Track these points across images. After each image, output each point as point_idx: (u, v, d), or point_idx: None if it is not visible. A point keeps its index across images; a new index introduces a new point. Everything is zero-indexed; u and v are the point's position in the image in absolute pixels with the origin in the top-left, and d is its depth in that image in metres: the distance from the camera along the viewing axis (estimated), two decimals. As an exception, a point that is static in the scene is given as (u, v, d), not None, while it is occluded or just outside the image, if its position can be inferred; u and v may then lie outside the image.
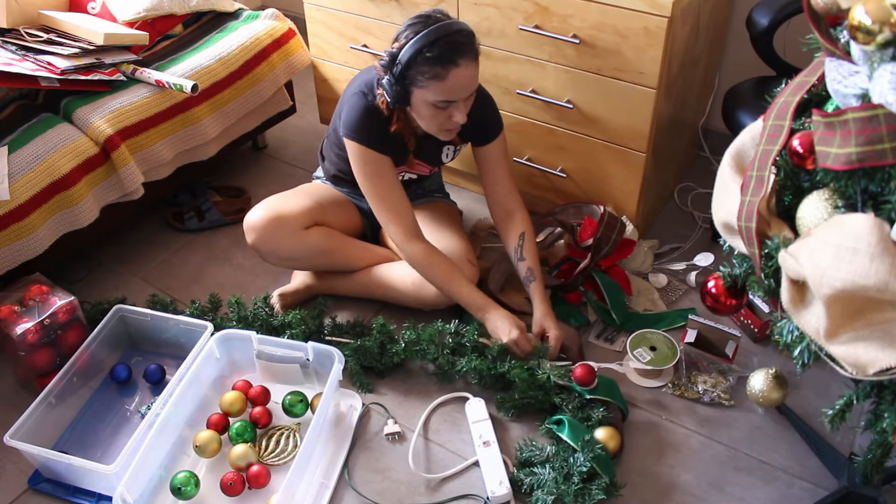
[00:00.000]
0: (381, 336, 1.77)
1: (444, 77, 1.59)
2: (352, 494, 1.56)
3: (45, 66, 1.90)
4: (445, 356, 1.72)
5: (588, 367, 1.65)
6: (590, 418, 1.61)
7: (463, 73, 1.61)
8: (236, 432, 1.61)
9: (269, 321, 1.85)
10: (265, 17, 2.32)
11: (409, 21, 1.63)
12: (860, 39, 0.94)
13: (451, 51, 1.58)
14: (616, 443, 1.57)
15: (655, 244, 2.09)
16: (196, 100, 2.08)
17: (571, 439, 1.54)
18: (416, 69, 1.60)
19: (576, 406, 1.63)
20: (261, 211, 1.85)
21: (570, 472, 1.51)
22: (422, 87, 1.62)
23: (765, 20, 1.81)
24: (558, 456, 1.55)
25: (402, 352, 1.76)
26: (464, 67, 1.60)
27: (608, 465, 1.52)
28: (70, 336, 1.77)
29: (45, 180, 1.81)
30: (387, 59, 1.64)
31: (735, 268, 1.26)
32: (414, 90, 1.64)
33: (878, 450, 1.31)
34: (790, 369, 1.59)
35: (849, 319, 0.97)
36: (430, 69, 1.58)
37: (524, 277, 1.83)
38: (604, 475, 1.50)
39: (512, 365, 1.67)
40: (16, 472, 1.63)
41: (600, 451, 1.52)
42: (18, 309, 1.72)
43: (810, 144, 1.06)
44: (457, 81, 1.61)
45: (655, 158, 1.97)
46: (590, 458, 1.50)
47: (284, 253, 1.87)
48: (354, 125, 1.74)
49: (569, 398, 1.64)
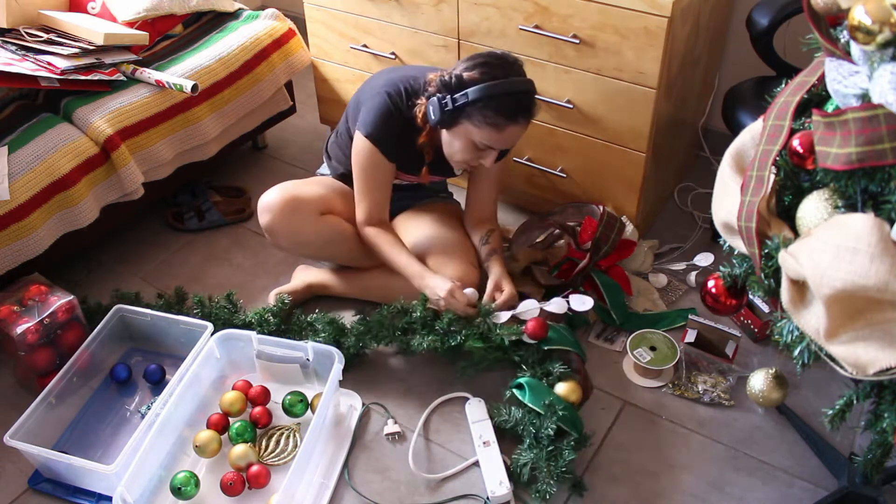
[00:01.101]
0: (334, 332, 1.79)
1: (501, 129, 1.63)
2: (352, 494, 1.56)
3: (45, 66, 1.90)
4: (398, 337, 1.74)
5: (539, 320, 1.69)
6: (549, 374, 1.65)
7: (517, 131, 1.65)
8: (236, 432, 1.61)
9: (230, 320, 1.85)
10: (265, 17, 2.32)
11: (488, 58, 1.63)
12: (860, 39, 0.94)
13: (519, 109, 1.62)
14: (578, 395, 1.62)
15: (655, 244, 2.09)
16: (196, 100, 2.08)
17: (534, 404, 1.59)
18: (479, 110, 1.61)
19: (535, 361, 1.67)
20: (278, 192, 1.82)
21: (539, 434, 1.54)
22: (475, 126, 1.63)
23: (765, 20, 1.81)
24: (525, 420, 1.59)
25: (354, 345, 1.77)
26: (520, 127, 1.65)
27: (574, 421, 1.57)
28: (70, 335, 1.77)
29: (45, 180, 1.81)
30: (453, 80, 1.63)
31: (735, 268, 1.26)
32: (465, 123, 1.65)
33: (878, 450, 1.31)
34: (790, 369, 1.59)
35: (849, 319, 0.97)
36: (494, 117, 1.61)
37: (485, 256, 1.89)
38: (572, 432, 1.54)
39: (465, 336, 1.69)
40: (16, 472, 1.63)
41: (563, 410, 1.56)
42: (18, 309, 1.72)
43: (810, 144, 1.06)
44: (509, 136, 1.65)
45: (655, 158, 1.97)
46: (555, 421, 1.54)
47: (299, 237, 1.85)
48: (372, 124, 1.74)
49: (527, 353, 1.68)
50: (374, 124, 1.74)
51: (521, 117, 1.63)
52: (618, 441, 1.64)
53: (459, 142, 1.69)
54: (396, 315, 1.77)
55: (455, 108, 1.63)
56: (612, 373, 1.78)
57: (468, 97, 1.60)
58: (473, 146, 1.68)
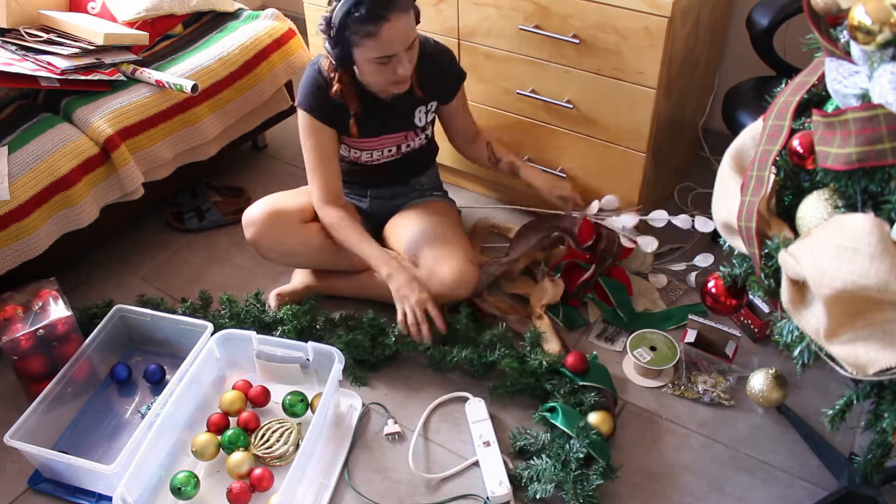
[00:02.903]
0: (372, 329, 1.79)
1: (377, 34, 1.60)
2: (352, 494, 1.56)
3: (45, 66, 1.90)
4: (437, 346, 1.73)
5: (580, 354, 1.68)
6: (582, 403, 1.63)
7: (395, 26, 1.61)
8: (229, 440, 1.60)
9: (261, 318, 1.85)
10: (265, 17, 2.32)
11: None
12: (860, 39, 0.94)
13: (379, 6, 1.58)
14: (609, 426, 1.59)
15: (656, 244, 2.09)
16: (196, 100, 2.08)
17: (566, 426, 1.56)
18: (349, 30, 1.61)
19: (567, 391, 1.65)
20: (260, 206, 1.86)
21: (567, 458, 1.52)
22: (358, 46, 1.64)
23: (765, 20, 1.81)
24: (554, 443, 1.56)
25: (393, 344, 1.76)
26: (395, 20, 1.60)
27: (604, 449, 1.54)
28: (65, 349, 1.74)
29: (45, 180, 1.81)
30: (323, 22, 1.65)
31: (735, 268, 1.26)
32: (353, 51, 1.66)
33: (878, 450, 1.31)
34: (790, 369, 1.59)
35: (849, 319, 0.97)
36: (362, 28, 1.60)
37: (510, 171, 1.91)
38: (600, 459, 1.51)
39: (502, 354, 1.69)
40: (16, 472, 1.63)
41: (595, 436, 1.54)
42: (20, 312, 1.71)
43: (810, 144, 1.06)
44: (391, 36, 1.61)
45: (655, 158, 1.97)
46: (586, 444, 1.52)
47: (284, 248, 1.87)
48: (301, 94, 1.80)
49: (560, 384, 1.67)
50: (302, 93, 1.79)
51: (388, 12, 1.59)
52: (618, 441, 1.64)
53: (366, 68, 1.69)
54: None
55: (336, 43, 1.64)
56: (612, 373, 1.77)
57: (336, 26, 1.61)
58: (378, 65, 1.67)
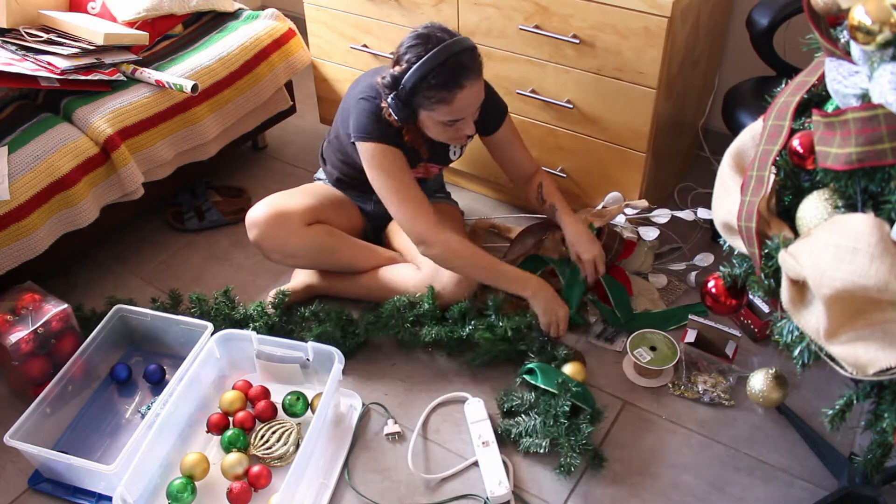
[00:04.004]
0: (341, 321, 1.81)
1: (451, 101, 1.61)
2: (352, 494, 1.56)
3: (45, 66, 1.90)
4: (406, 329, 1.77)
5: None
6: (555, 358, 1.73)
7: (469, 95, 1.62)
8: (229, 441, 1.60)
9: (231, 315, 1.85)
10: (265, 17, 2.32)
11: (409, 42, 1.62)
12: (860, 39, 0.94)
13: (456, 75, 1.58)
14: (584, 374, 1.70)
15: (655, 244, 2.08)
16: (196, 100, 2.08)
17: (547, 385, 1.64)
18: (421, 95, 1.61)
19: (538, 349, 1.74)
20: (263, 207, 1.84)
21: (556, 413, 1.60)
22: (428, 110, 1.64)
23: (765, 20, 1.81)
24: (539, 401, 1.64)
25: (362, 332, 1.80)
26: (469, 88, 1.61)
27: (587, 397, 1.64)
28: (64, 344, 1.75)
29: (45, 180, 1.81)
30: (389, 80, 1.63)
31: (735, 268, 1.26)
32: (421, 112, 1.65)
33: (878, 450, 1.31)
34: (790, 369, 1.59)
35: (849, 319, 0.97)
36: (436, 94, 1.60)
37: (549, 215, 1.90)
38: (586, 407, 1.61)
39: (473, 327, 1.74)
40: (16, 472, 1.63)
41: (575, 387, 1.62)
42: (11, 318, 1.69)
43: (810, 144, 1.06)
44: (463, 102, 1.63)
45: (655, 158, 1.97)
46: (569, 398, 1.60)
47: (287, 249, 1.86)
48: (365, 127, 1.72)
49: (531, 342, 1.75)
50: (366, 126, 1.72)
51: (463, 79, 1.59)
52: (618, 441, 1.64)
53: (431, 127, 1.70)
54: (406, 307, 1.78)
55: (403, 103, 1.63)
56: (612, 373, 1.78)
57: (407, 89, 1.60)
58: (443, 126, 1.68)
